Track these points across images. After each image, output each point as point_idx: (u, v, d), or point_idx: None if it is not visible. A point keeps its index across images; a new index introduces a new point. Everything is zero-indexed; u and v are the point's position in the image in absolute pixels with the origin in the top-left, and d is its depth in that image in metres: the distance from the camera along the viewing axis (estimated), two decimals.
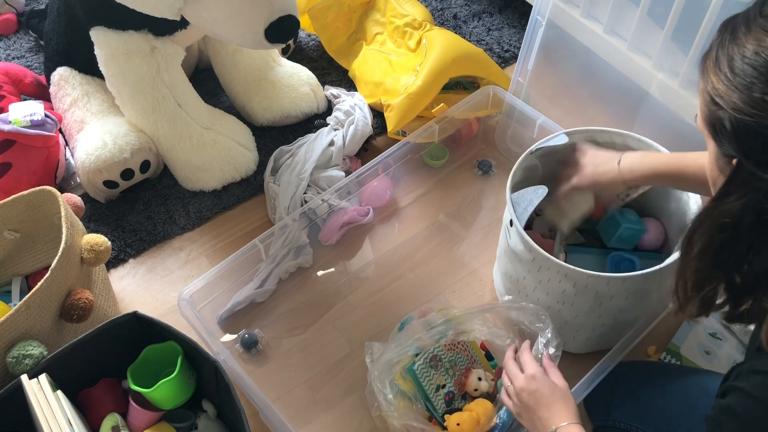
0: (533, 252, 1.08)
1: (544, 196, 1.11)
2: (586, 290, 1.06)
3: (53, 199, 1.15)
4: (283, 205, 1.40)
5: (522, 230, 1.08)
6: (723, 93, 0.66)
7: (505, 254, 1.21)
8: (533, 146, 1.20)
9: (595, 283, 1.05)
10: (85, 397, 1.09)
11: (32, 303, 1.01)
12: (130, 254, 1.41)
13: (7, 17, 1.84)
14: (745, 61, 0.64)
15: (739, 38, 0.66)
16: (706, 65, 0.70)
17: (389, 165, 1.45)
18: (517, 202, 1.12)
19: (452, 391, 1.13)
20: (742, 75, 0.64)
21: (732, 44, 0.66)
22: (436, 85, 1.50)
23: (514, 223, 1.10)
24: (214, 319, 1.29)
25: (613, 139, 1.21)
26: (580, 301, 1.09)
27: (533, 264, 1.10)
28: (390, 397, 1.07)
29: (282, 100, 1.56)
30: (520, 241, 1.10)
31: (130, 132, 1.41)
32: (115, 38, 1.34)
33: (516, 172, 1.17)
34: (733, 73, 0.65)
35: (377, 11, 1.74)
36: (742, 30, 0.66)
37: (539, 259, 1.08)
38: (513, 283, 1.20)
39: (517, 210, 1.11)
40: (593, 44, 1.36)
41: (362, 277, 1.38)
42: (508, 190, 1.15)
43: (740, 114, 0.64)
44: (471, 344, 1.19)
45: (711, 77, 0.68)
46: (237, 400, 0.99)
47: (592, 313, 1.11)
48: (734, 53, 0.65)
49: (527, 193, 1.13)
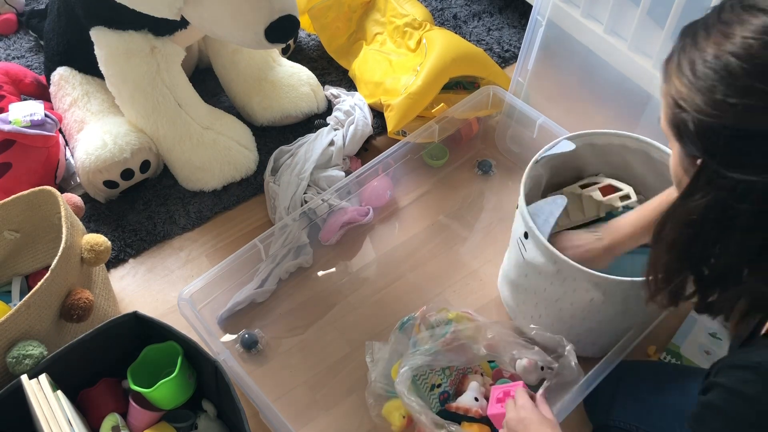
0: (559, 263, 1.04)
1: (564, 206, 1.09)
2: (615, 296, 1.04)
3: (53, 199, 1.15)
4: (283, 205, 1.40)
5: (546, 242, 1.04)
6: (686, 96, 0.68)
7: (517, 267, 1.17)
8: (537, 155, 1.17)
9: (627, 288, 1.02)
10: (85, 397, 1.09)
11: (32, 303, 1.01)
12: (130, 254, 1.41)
13: (7, 17, 1.84)
14: (706, 65, 0.67)
15: (700, 43, 0.68)
16: (668, 70, 0.73)
17: (389, 165, 1.45)
18: (536, 214, 1.09)
19: (447, 390, 1.13)
20: (704, 78, 0.66)
21: (693, 49, 0.69)
22: (436, 85, 1.50)
23: (531, 235, 1.06)
24: (214, 319, 1.29)
25: (612, 141, 1.20)
26: (607, 307, 1.06)
27: (557, 276, 1.06)
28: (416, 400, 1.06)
29: (282, 100, 1.56)
30: (541, 253, 1.06)
31: (130, 132, 1.40)
32: (115, 38, 1.34)
33: (526, 182, 1.13)
34: (696, 76, 0.67)
35: (377, 11, 1.74)
36: (702, 35, 0.69)
37: (566, 270, 1.04)
38: (529, 295, 1.16)
39: (537, 222, 1.07)
40: (593, 44, 1.36)
41: (362, 277, 1.38)
42: (521, 202, 1.10)
43: (703, 116, 0.67)
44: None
45: (674, 81, 0.70)
46: (237, 400, 0.99)
47: (618, 316, 1.08)
48: (696, 57, 0.68)
49: (546, 204, 1.10)
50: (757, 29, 0.64)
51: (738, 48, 0.65)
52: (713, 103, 0.66)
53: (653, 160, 1.18)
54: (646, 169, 1.20)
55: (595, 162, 1.25)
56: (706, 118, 0.66)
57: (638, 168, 1.21)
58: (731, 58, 0.64)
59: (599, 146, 1.21)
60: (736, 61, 0.64)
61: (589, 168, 1.27)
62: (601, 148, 1.22)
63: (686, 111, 0.68)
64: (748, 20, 0.65)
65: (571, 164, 1.25)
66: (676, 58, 0.71)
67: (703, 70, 0.67)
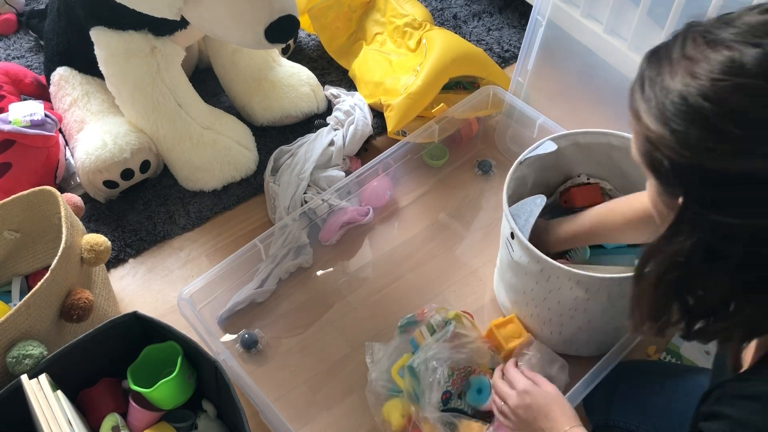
0: (541, 262, 1.05)
1: (543, 205, 1.09)
2: (598, 294, 1.04)
3: (53, 199, 1.15)
4: (283, 205, 1.40)
5: (527, 242, 1.05)
6: (658, 137, 0.65)
7: (508, 268, 1.17)
8: (521, 156, 1.17)
9: (608, 286, 1.03)
10: (85, 397, 1.09)
11: (32, 303, 1.01)
12: (130, 254, 1.41)
13: (7, 17, 1.84)
14: (676, 107, 0.64)
15: (666, 81, 0.65)
16: (636, 104, 0.69)
17: (389, 165, 1.45)
18: (517, 214, 1.09)
19: (449, 390, 1.13)
20: (676, 121, 0.63)
21: (661, 87, 0.66)
22: (436, 85, 1.50)
23: (516, 236, 1.07)
24: (214, 319, 1.29)
25: (598, 140, 1.20)
26: (592, 305, 1.07)
27: (541, 275, 1.07)
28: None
29: (282, 100, 1.56)
30: (525, 253, 1.07)
31: (130, 132, 1.41)
32: (115, 38, 1.34)
33: (509, 183, 1.15)
34: (666, 117, 0.64)
35: (377, 11, 1.74)
36: (667, 71, 0.66)
37: (548, 269, 1.05)
38: (520, 295, 1.17)
39: (519, 222, 1.08)
40: (593, 44, 1.36)
41: (362, 277, 1.38)
42: (504, 204, 1.11)
43: (679, 157, 0.64)
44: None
45: (644, 119, 0.67)
46: (237, 400, 0.99)
47: (605, 314, 1.09)
48: (665, 98, 0.65)
49: (526, 204, 1.10)
50: (723, 69, 0.61)
51: (708, 90, 0.62)
52: (688, 147, 0.63)
53: None
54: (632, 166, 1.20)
55: (581, 161, 1.25)
56: (682, 159, 0.64)
57: (624, 165, 1.22)
58: (703, 101, 0.62)
59: (584, 145, 1.22)
60: (708, 105, 0.61)
61: (575, 167, 1.27)
62: (586, 147, 1.22)
63: (660, 151, 0.65)
64: (713, 58, 0.62)
65: (558, 164, 1.25)
66: (643, 92, 0.68)
67: (674, 112, 0.64)
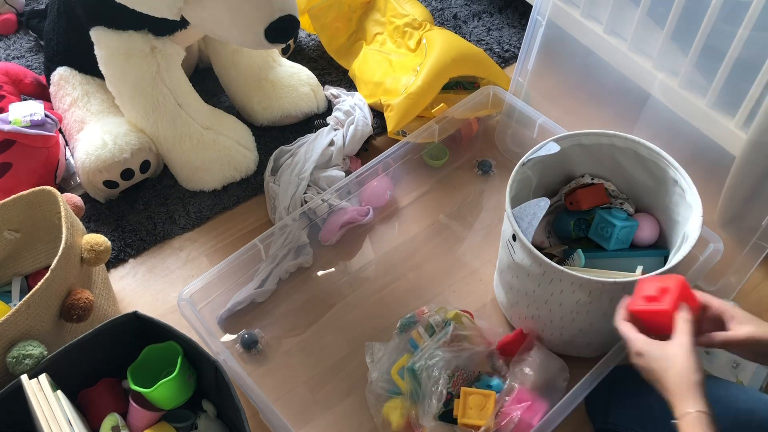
0: (544, 265, 1.04)
1: (547, 208, 1.09)
2: (600, 297, 1.04)
3: (53, 199, 1.15)
4: (283, 205, 1.40)
5: (530, 245, 1.05)
6: None
7: (509, 269, 1.17)
8: (524, 157, 1.17)
9: (611, 289, 1.03)
10: (85, 397, 1.09)
11: (32, 303, 1.01)
12: (130, 254, 1.41)
13: (7, 17, 1.84)
14: None
15: None
16: None
17: (389, 165, 1.45)
18: (520, 216, 1.09)
19: (450, 392, 1.13)
20: None
21: None
22: (436, 85, 1.50)
23: (518, 238, 1.07)
24: (214, 319, 1.29)
25: (600, 140, 1.20)
26: (594, 308, 1.07)
27: (543, 277, 1.07)
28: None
29: (282, 100, 1.56)
30: (527, 255, 1.07)
31: (130, 132, 1.41)
32: (115, 38, 1.34)
33: (512, 185, 1.14)
34: None
35: (377, 11, 1.74)
36: None
37: (550, 272, 1.05)
38: (521, 296, 1.16)
39: (522, 224, 1.08)
40: (593, 44, 1.36)
41: (362, 277, 1.38)
42: (507, 206, 1.11)
43: None
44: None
45: None
46: (237, 400, 0.99)
47: (607, 317, 1.07)
48: None
49: (529, 206, 1.10)
50: None
51: None
52: None
53: (641, 157, 1.18)
54: (635, 167, 1.21)
55: (584, 162, 1.25)
56: None
57: (627, 166, 1.22)
58: None
59: (587, 146, 1.21)
60: None
61: (578, 168, 1.27)
62: (589, 148, 1.22)
63: None
64: None
65: (561, 165, 1.25)
66: None
67: None
